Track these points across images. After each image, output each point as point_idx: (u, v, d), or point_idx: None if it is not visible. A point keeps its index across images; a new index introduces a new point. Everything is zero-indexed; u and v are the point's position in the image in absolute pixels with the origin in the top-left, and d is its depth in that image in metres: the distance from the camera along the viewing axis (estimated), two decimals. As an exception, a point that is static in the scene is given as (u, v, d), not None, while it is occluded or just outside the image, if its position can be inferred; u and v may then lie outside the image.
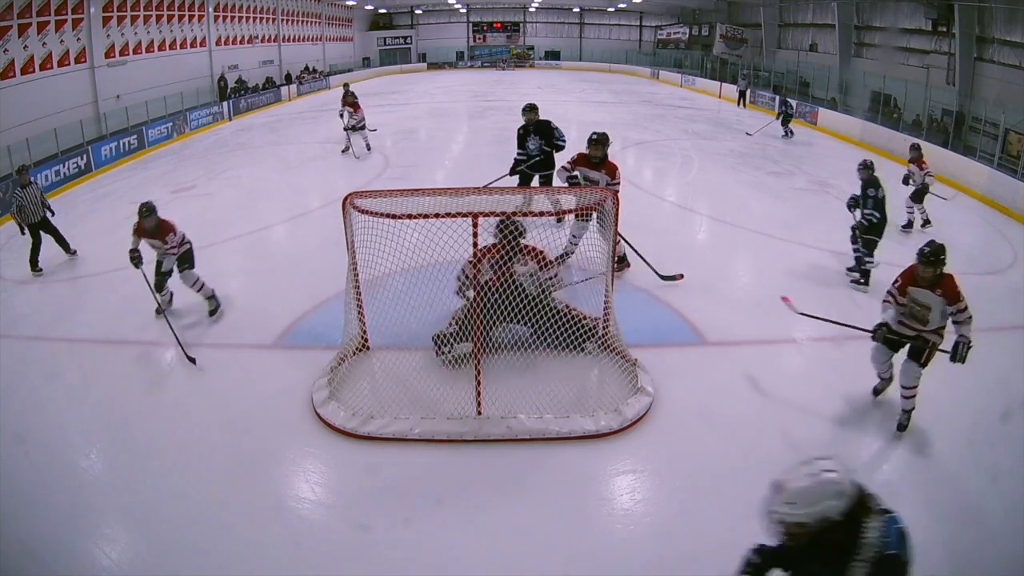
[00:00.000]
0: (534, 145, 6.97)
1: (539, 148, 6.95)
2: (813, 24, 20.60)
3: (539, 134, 6.99)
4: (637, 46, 33.37)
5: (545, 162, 6.97)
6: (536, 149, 6.96)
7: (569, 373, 4.03)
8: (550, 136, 6.96)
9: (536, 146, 6.96)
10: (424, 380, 3.99)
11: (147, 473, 3.44)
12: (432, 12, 34.68)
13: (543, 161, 6.96)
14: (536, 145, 6.97)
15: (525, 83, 24.94)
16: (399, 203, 3.76)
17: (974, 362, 4.54)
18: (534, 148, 6.97)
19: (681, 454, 3.54)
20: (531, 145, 6.99)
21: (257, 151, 13.07)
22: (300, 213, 8.13)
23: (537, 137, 6.97)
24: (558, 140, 6.99)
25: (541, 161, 6.96)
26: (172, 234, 5.10)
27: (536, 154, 6.95)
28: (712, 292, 5.62)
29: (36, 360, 4.77)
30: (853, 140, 13.42)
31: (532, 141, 6.99)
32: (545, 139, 6.94)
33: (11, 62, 11.72)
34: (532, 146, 6.98)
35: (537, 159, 6.95)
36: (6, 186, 9.47)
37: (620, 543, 2.97)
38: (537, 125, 7.01)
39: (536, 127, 7.00)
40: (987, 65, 13.26)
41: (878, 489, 3.23)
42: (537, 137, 6.97)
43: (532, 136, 6.99)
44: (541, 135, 6.98)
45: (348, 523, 3.06)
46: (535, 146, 6.97)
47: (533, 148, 6.97)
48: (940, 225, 8.00)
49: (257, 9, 22.09)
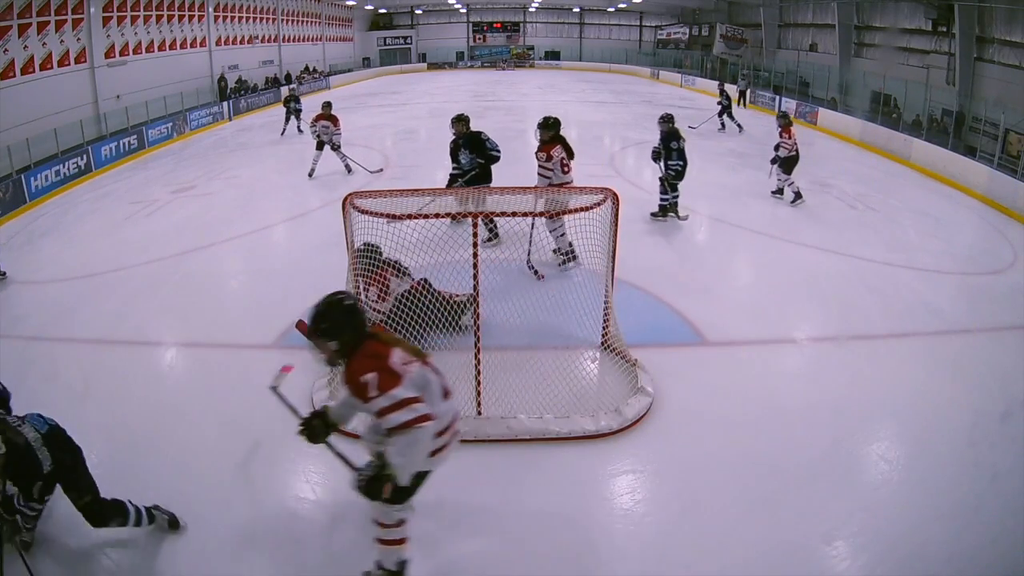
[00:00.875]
0: (466, 159, 6.62)
1: (472, 162, 6.57)
2: (813, 24, 20.60)
3: (470, 147, 6.60)
4: (637, 46, 33.38)
5: (481, 175, 6.55)
6: (469, 163, 6.59)
7: (569, 373, 4.03)
8: (482, 148, 6.54)
9: (468, 160, 6.60)
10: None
11: (147, 473, 3.44)
12: (432, 12, 34.70)
13: (479, 175, 6.53)
14: (468, 159, 6.60)
15: (525, 83, 24.95)
16: (399, 203, 3.77)
17: (974, 362, 4.58)
18: (466, 162, 6.61)
19: (681, 454, 3.54)
20: (463, 159, 6.65)
21: (257, 151, 13.07)
22: (300, 213, 8.13)
23: (467, 151, 6.61)
24: (491, 151, 6.55)
25: (477, 175, 6.52)
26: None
27: (469, 168, 6.57)
28: (712, 292, 5.62)
29: (36, 360, 4.77)
30: (853, 140, 13.42)
31: (463, 155, 6.65)
32: (477, 151, 6.54)
33: (11, 62, 11.72)
34: (464, 160, 6.64)
35: (472, 172, 6.53)
36: (6, 186, 9.48)
37: (620, 543, 2.97)
38: (467, 138, 6.64)
39: (466, 140, 6.63)
40: (987, 65, 13.25)
41: (878, 487, 3.26)
42: (467, 151, 6.61)
43: (463, 150, 6.66)
44: (472, 148, 6.58)
45: (348, 523, 3.06)
46: (467, 160, 6.61)
47: (465, 162, 6.62)
48: (940, 225, 8.02)
49: (257, 9, 22.10)
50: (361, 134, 13.89)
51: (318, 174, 9.91)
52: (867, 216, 8.07)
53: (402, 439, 2.21)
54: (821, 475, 3.36)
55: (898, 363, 4.48)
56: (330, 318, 2.29)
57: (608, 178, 9.10)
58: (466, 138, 6.62)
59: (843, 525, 3.04)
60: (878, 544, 2.90)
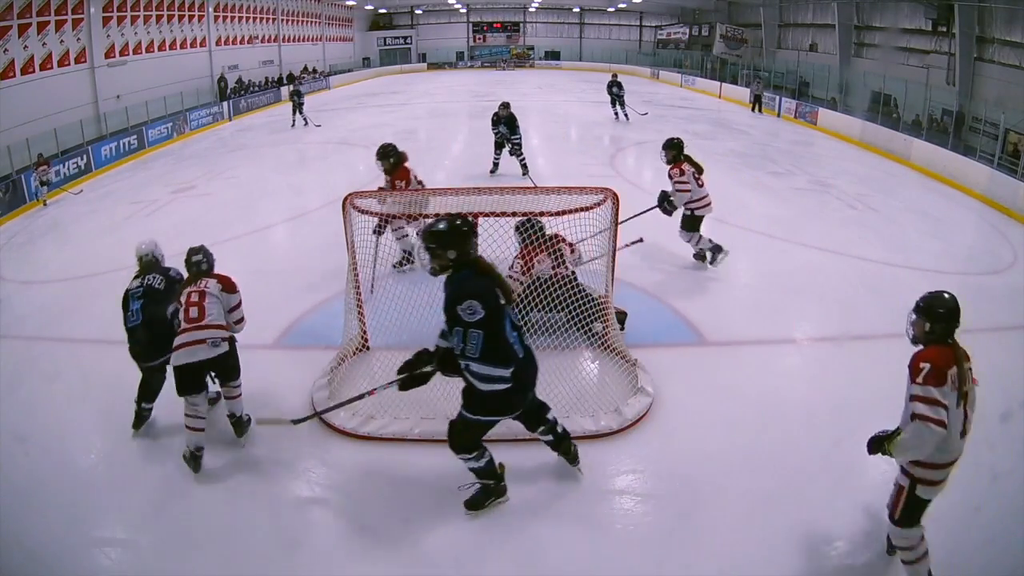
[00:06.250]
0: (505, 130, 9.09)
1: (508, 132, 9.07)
2: (813, 24, 20.60)
3: (507, 124, 9.04)
4: (637, 46, 33.37)
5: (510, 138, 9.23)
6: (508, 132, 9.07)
7: (569, 373, 4.02)
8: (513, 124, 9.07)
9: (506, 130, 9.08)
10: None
11: (147, 473, 3.44)
12: (432, 12, 34.68)
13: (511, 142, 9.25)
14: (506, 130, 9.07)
15: (525, 83, 24.95)
16: (399, 203, 3.77)
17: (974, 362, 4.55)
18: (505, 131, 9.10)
19: (681, 454, 3.54)
20: (503, 129, 9.11)
21: (257, 151, 13.07)
22: (300, 213, 8.13)
23: (505, 125, 9.02)
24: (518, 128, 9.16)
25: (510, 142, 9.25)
26: None
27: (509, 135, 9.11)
28: (712, 292, 5.61)
29: (36, 360, 4.77)
30: (853, 140, 13.42)
31: (502, 127, 9.06)
32: (509, 128, 9.05)
33: (11, 62, 11.73)
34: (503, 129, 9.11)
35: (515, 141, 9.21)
36: (6, 186, 9.48)
37: (620, 543, 2.97)
38: (507, 117, 8.98)
39: (506, 119, 8.99)
40: (987, 65, 13.25)
41: (879, 488, 3.25)
42: (505, 125, 9.02)
43: (502, 124, 9.04)
44: (508, 124, 9.02)
45: (348, 523, 3.06)
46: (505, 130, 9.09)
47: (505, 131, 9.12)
48: (940, 225, 8.02)
49: (257, 9, 22.10)
50: (361, 134, 13.90)
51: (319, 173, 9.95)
52: (867, 216, 8.06)
53: None
54: (821, 475, 3.36)
55: (898, 363, 4.43)
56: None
57: (608, 178, 9.09)
58: (506, 117, 8.99)
59: (843, 525, 3.04)
60: (878, 544, 2.90)
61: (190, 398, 3.38)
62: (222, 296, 3.50)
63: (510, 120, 8.98)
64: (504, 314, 2.53)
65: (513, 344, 2.56)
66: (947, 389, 2.36)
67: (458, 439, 2.80)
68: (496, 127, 9.12)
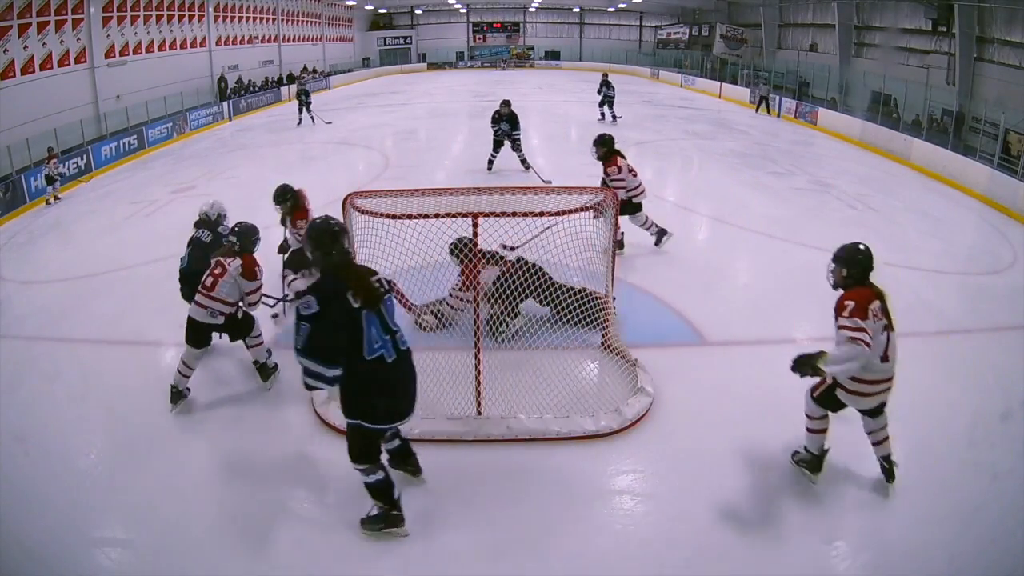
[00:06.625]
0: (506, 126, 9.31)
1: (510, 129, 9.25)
2: (813, 24, 20.60)
3: (509, 121, 9.20)
4: (637, 46, 33.38)
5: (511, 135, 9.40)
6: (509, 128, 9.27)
7: (569, 373, 4.03)
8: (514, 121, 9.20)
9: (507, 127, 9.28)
10: (424, 380, 3.97)
11: (147, 473, 3.44)
12: (432, 12, 34.69)
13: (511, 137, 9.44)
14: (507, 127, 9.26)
15: (525, 83, 24.95)
16: (399, 203, 3.76)
17: (974, 362, 4.58)
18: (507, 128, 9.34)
19: (681, 454, 3.54)
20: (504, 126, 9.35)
21: (257, 151, 13.07)
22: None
23: (507, 123, 9.23)
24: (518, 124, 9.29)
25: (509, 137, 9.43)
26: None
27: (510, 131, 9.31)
28: (712, 292, 5.61)
29: (36, 360, 4.77)
30: (853, 140, 13.43)
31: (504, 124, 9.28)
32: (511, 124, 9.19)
33: (11, 62, 11.72)
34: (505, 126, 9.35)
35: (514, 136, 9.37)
36: (6, 186, 9.48)
37: (620, 543, 2.97)
38: (508, 115, 9.16)
39: (507, 116, 9.18)
40: (987, 65, 13.25)
41: (879, 488, 3.26)
42: (507, 123, 9.23)
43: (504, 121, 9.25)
44: (509, 121, 9.20)
45: (348, 523, 3.05)
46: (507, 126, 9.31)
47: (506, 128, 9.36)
48: (940, 225, 8.02)
49: (257, 9, 22.10)
50: (361, 134, 13.91)
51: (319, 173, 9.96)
52: (867, 216, 8.06)
53: None
54: (821, 475, 3.36)
55: (898, 363, 4.47)
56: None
57: (608, 178, 9.09)
58: (507, 115, 9.15)
59: (843, 525, 3.04)
60: (878, 544, 2.90)
61: (190, 348, 3.92)
62: (239, 280, 3.90)
63: (512, 118, 9.14)
64: (359, 316, 2.49)
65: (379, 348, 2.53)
66: (870, 322, 2.82)
67: (349, 444, 2.73)
68: (497, 124, 9.27)
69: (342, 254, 2.59)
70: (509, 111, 9.12)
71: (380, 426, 2.68)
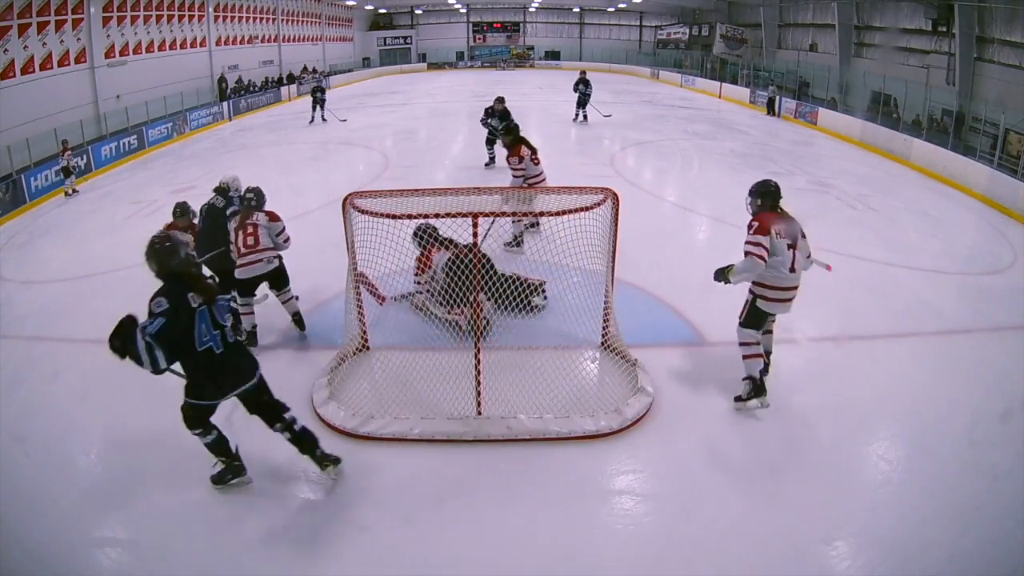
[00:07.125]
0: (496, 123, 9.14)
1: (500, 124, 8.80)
2: (813, 24, 20.59)
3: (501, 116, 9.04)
4: (637, 46, 33.36)
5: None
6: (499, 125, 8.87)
7: (569, 373, 4.03)
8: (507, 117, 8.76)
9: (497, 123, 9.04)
10: (424, 380, 3.99)
11: (147, 473, 3.44)
12: (432, 12, 34.69)
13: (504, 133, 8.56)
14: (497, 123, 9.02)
15: (525, 83, 24.95)
16: (399, 203, 3.76)
17: (974, 362, 4.58)
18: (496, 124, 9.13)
19: (681, 454, 3.54)
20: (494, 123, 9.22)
21: (257, 151, 13.07)
22: (300, 213, 8.11)
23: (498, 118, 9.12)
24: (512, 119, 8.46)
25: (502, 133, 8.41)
26: None
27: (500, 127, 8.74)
28: (712, 292, 5.57)
29: (36, 360, 4.77)
30: (853, 140, 13.43)
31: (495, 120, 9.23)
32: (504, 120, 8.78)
33: (11, 62, 11.72)
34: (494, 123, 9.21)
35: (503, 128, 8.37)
36: (6, 186, 9.48)
37: (620, 543, 2.97)
38: (501, 112, 9.04)
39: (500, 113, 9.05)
40: (987, 65, 13.25)
41: (879, 487, 3.26)
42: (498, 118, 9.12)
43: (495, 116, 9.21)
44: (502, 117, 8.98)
45: (348, 523, 3.06)
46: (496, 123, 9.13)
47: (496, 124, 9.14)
48: (940, 225, 8.02)
49: (257, 9, 22.09)
50: (361, 134, 13.91)
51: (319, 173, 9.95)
52: (867, 216, 8.06)
53: None
54: (821, 475, 3.36)
55: (898, 363, 4.48)
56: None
57: (608, 178, 9.10)
58: (500, 112, 9.10)
59: (843, 525, 3.04)
60: (878, 544, 2.90)
61: (245, 299, 4.57)
62: (269, 225, 4.64)
63: (504, 115, 8.99)
64: (194, 315, 2.88)
65: (208, 341, 2.92)
66: (772, 238, 3.61)
67: (183, 417, 3.14)
68: (488, 119, 9.33)
69: (181, 264, 2.94)
70: (503, 108, 9.03)
71: (205, 403, 3.12)
